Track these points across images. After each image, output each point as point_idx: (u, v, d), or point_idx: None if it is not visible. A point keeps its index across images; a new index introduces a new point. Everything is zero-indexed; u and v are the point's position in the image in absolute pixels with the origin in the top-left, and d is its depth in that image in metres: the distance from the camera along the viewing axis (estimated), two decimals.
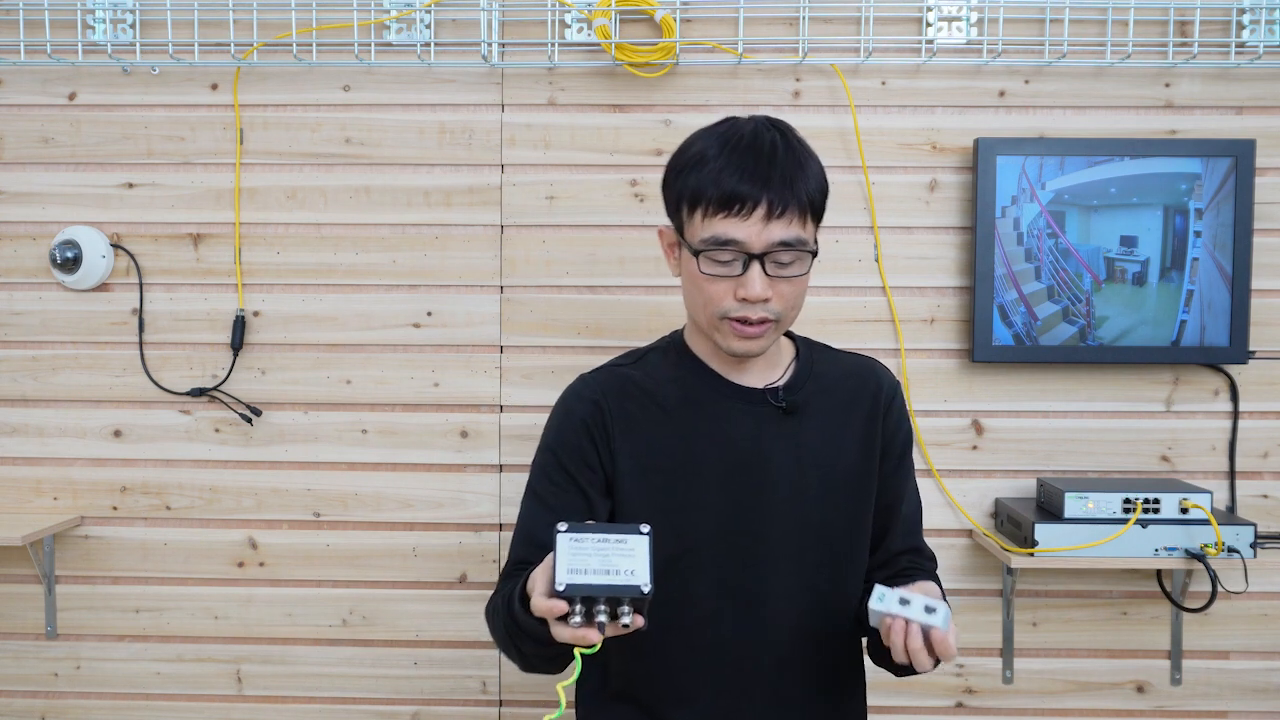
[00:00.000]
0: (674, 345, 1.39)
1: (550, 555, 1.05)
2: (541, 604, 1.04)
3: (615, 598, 1.02)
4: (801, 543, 1.30)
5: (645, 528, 1.04)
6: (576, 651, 1.05)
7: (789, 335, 1.41)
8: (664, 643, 1.30)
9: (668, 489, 1.30)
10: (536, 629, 1.11)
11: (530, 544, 1.31)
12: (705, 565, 1.29)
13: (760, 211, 1.20)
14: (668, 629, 1.28)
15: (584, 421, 1.32)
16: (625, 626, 1.03)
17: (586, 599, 1.03)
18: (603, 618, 1.03)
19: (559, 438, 1.34)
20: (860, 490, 1.35)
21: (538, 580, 1.07)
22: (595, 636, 1.02)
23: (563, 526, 1.04)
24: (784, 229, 1.21)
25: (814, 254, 1.25)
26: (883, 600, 1.13)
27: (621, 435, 1.31)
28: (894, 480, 1.38)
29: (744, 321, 1.25)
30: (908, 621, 1.12)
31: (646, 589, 1.00)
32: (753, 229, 1.21)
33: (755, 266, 1.22)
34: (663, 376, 1.35)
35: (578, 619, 1.02)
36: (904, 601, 1.13)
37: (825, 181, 1.28)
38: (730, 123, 1.28)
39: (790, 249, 1.22)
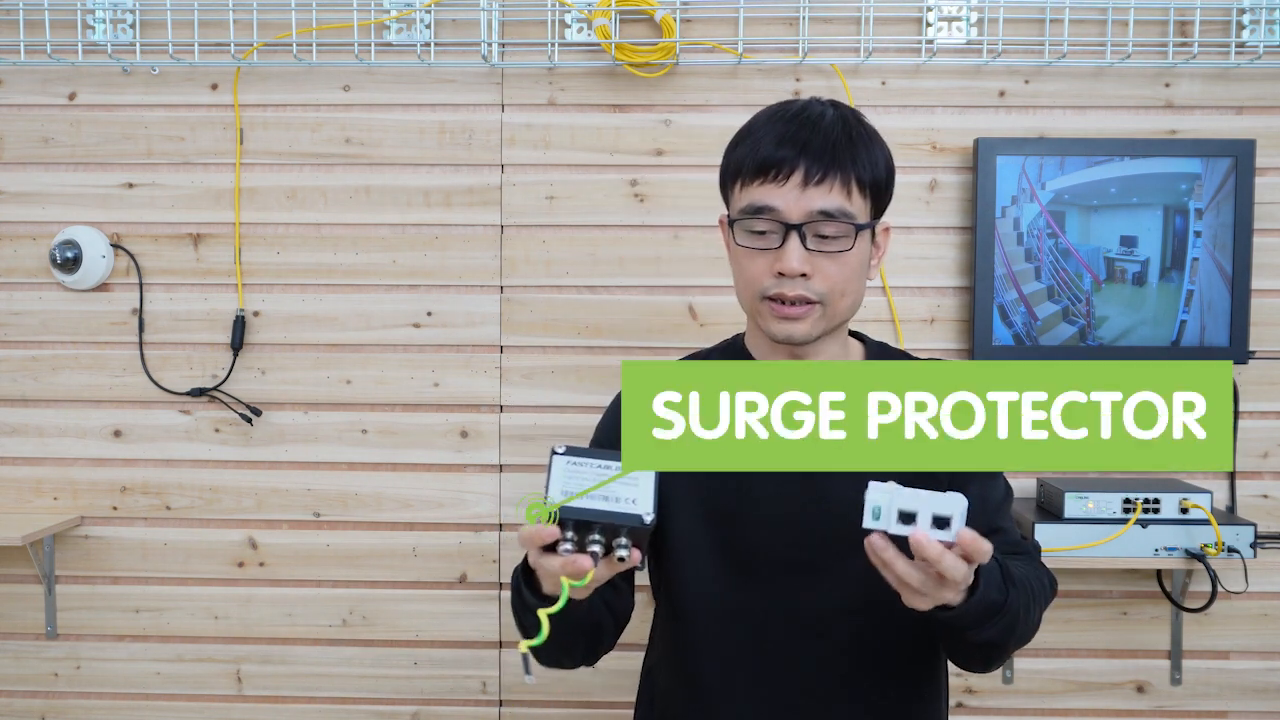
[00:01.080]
0: (733, 347, 1.32)
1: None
2: (527, 530, 0.94)
3: (612, 527, 0.91)
4: (865, 562, 1.10)
5: None
6: (564, 583, 0.92)
7: (860, 339, 1.32)
8: (718, 671, 1.22)
9: (718, 501, 1.21)
10: (539, 605, 1.04)
11: None
12: (761, 583, 1.21)
13: (797, 177, 1.13)
14: (721, 654, 1.22)
15: None
16: (621, 560, 0.92)
17: (580, 526, 0.91)
18: (596, 548, 0.91)
19: (604, 432, 1.29)
20: None
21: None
22: (587, 563, 0.91)
23: (560, 448, 0.96)
24: (824, 197, 1.13)
25: (861, 229, 1.16)
26: (879, 517, 0.93)
27: None
28: (963, 474, 1.19)
29: (781, 300, 1.16)
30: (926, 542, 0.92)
31: (649, 518, 0.90)
32: (789, 195, 1.14)
33: (793, 237, 1.14)
34: None
35: (568, 546, 0.91)
36: (906, 518, 0.92)
37: (888, 162, 1.20)
38: (787, 102, 1.23)
39: (832, 220, 1.14)
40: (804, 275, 1.15)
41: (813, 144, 1.14)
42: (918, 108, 1.97)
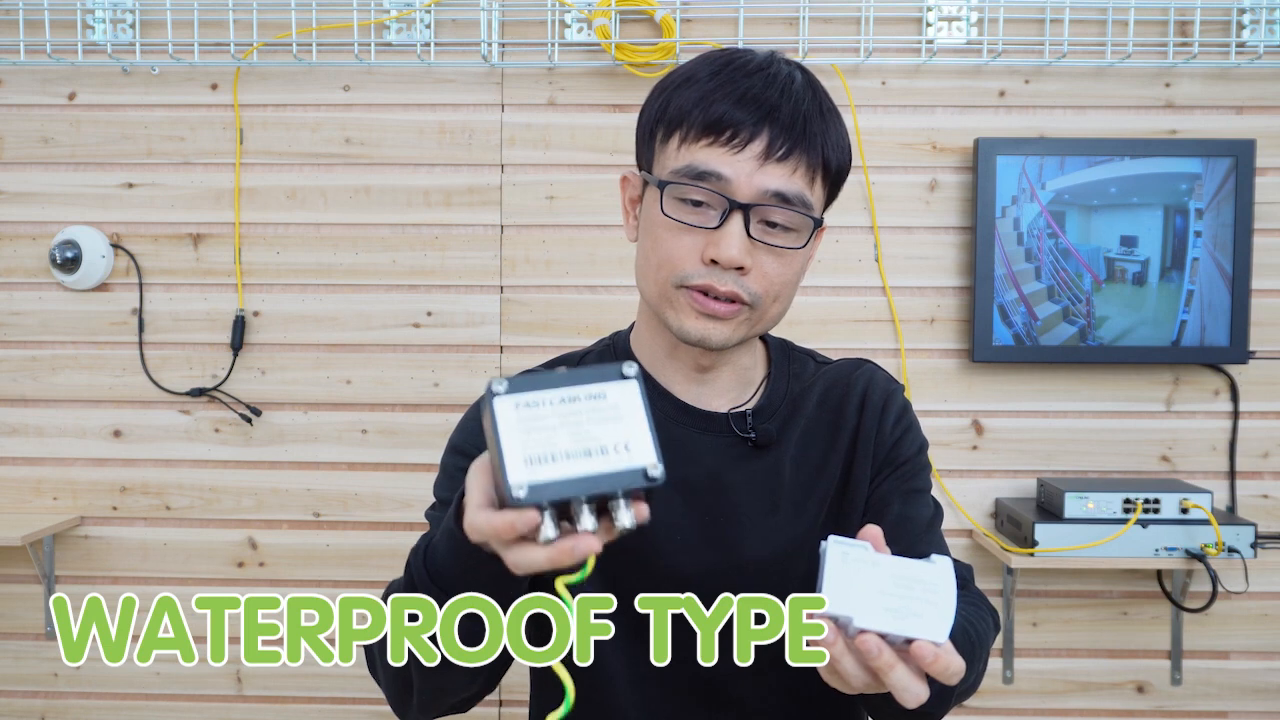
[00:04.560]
0: (615, 350, 1.09)
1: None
2: (488, 522, 0.67)
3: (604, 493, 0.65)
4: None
5: (631, 368, 0.67)
6: (560, 585, 0.67)
7: (763, 340, 1.10)
8: None
9: (616, 567, 0.95)
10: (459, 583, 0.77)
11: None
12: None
13: (757, 146, 0.91)
14: None
15: None
16: (626, 529, 0.66)
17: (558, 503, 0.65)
18: (589, 520, 0.66)
19: (475, 438, 1.01)
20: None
21: (472, 489, 0.70)
22: (595, 544, 0.66)
23: (500, 386, 0.66)
24: (784, 178, 0.91)
25: (817, 224, 0.95)
26: (846, 620, 0.72)
27: None
28: (883, 493, 1.03)
29: (706, 292, 0.93)
30: (882, 638, 0.72)
31: (656, 471, 0.65)
32: (742, 166, 0.91)
33: (735, 219, 0.91)
34: None
35: (551, 532, 0.65)
36: (879, 594, 0.72)
37: (848, 147, 0.99)
38: (736, 49, 0.98)
39: (787, 207, 0.92)
40: (739, 269, 0.93)
41: (782, 110, 0.92)
42: (918, 108, 1.97)
